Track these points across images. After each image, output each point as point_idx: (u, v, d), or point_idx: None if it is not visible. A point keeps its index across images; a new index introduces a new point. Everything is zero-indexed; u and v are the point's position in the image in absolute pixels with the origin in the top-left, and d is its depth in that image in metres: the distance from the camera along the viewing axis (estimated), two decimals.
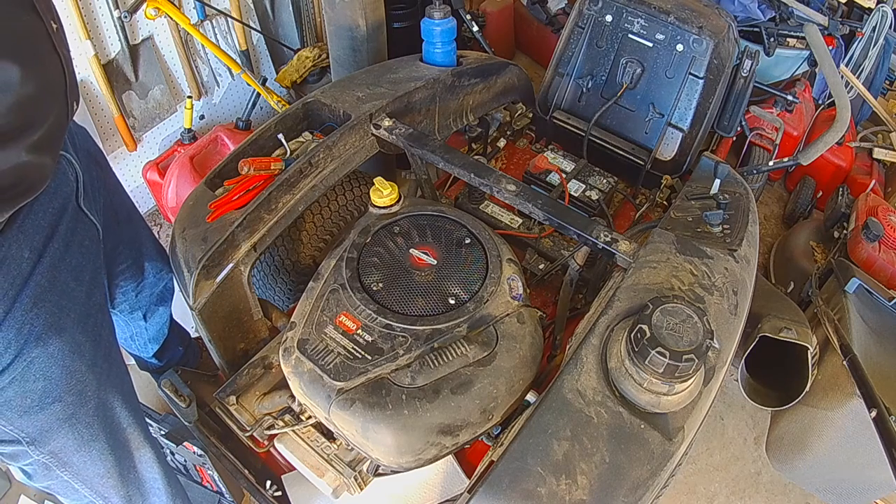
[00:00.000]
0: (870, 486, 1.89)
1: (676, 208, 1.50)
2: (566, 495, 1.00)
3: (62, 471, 1.21)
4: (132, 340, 1.74)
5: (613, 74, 2.09)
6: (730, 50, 1.95)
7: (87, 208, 1.16)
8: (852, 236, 2.35)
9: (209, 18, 2.58)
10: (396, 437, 1.18)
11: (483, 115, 2.07)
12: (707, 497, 2.06)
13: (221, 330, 1.47)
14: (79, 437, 1.18)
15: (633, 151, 2.09)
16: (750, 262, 1.39)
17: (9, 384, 1.01)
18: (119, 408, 1.26)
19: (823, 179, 2.90)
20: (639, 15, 1.99)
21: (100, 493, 1.30)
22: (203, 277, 1.35)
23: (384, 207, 1.49)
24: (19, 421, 1.07)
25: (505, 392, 1.25)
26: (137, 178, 2.63)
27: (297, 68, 2.80)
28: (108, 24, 2.22)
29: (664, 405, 1.07)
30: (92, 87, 2.28)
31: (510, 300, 1.35)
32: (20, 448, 1.12)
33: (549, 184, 1.93)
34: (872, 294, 1.99)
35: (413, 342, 1.25)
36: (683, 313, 1.06)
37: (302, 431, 1.39)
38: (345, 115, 1.63)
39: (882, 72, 3.04)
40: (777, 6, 2.65)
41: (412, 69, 1.85)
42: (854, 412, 1.72)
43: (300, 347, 1.27)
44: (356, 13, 2.07)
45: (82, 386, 1.14)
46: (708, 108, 2.01)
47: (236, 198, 1.42)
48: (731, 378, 2.02)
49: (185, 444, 1.71)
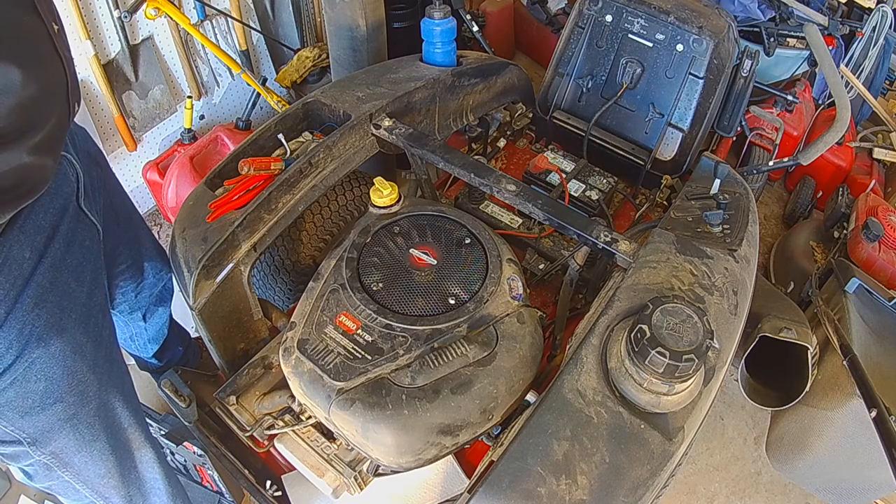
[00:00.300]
0: (870, 486, 1.89)
1: (676, 208, 1.50)
2: (566, 495, 1.00)
3: (63, 471, 1.21)
4: (132, 341, 1.74)
5: (613, 74, 2.09)
6: (730, 50, 1.95)
7: (88, 209, 1.16)
8: (852, 236, 2.36)
9: (209, 18, 2.58)
10: (396, 437, 1.18)
11: (483, 115, 2.07)
12: (707, 497, 2.06)
13: (221, 330, 1.47)
14: (80, 438, 1.18)
15: (633, 151, 2.09)
16: (750, 262, 1.39)
17: (10, 385, 1.01)
18: (120, 408, 1.26)
19: (823, 179, 2.90)
20: (639, 15, 1.99)
21: (100, 494, 1.30)
22: (203, 277, 1.35)
23: (384, 207, 1.49)
24: (20, 421, 1.07)
25: (505, 392, 1.25)
26: (137, 178, 2.63)
27: (297, 68, 2.80)
28: (108, 24, 2.22)
29: (664, 405, 1.07)
30: (92, 87, 2.28)
31: (510, 300, 1.35)
32: (21, 448, 1.12)
33: (549, 184, 1.93)
34: (872, 294, 1.99)
35: (413, 342, 1.25)
36: (683, 313, 1.06)
37: (302, 431, 1.39)
38: (345, 115, 1.63)
39: (882, 72, 3.04)
40: (777, 6, 2.65)
41: (412, 69, 1.85)
42: (854, 412, 1.72)
43: (300, 347, 1.27)
44: (356, 13, 2.07)
45: (84, 386, 1.14)
46: (708, 108, 2.01)
47: (236, 198, 1.42)
48: (731, 378, 2.02)
49: (185, 444, 1.71)
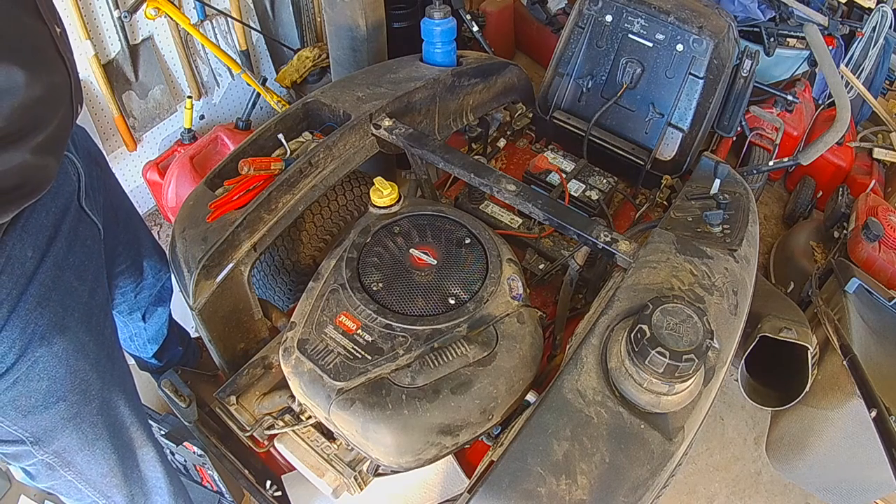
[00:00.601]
0: (870, 486, 1.89)
1: (676, 208, 1.50)
2: (566, 495, 1.00)
3: (66, 470, 1.21)
4: (131, 341, 1.74)
5: (613, 74, 2.09)
6: (730, 50, 1.95)
7: (89, 208, 1.16)
8: (852, 236, 2.36)
9: (209, 18, 2.58)
10: (396, 437, 1.18)
11: (483, 115, 2.07)
12: (707, 497, 2.06)
13: (221, 330, 1.47)
14: (83, 437, 1.18)
15: (633, 151, 2.09)
16: (750, 262, 1.39)
17: (12, 384, 1.01)
18: (122, 406, 1.26)
19: (823, 179, 2.90)
20: (639, 15, 1.99)
21: (103, 493, 1.30)
22: (203, 277, 1.35)
23: (384, 207, 1.49)
24: (23, 421, 1.07)
25: (505, 392, 1.25)
26: (137, 178, 2.63)
27: (297, 68, 2.80)
28: (108, 24, 2.22)
29: (664, 405, 1.07)
30: (92, 87, 2.28)
31: (510, 300, 1.35)
32: (23, 448, 1.12)
33: (549, 184, 1.92)
34: (872, 294, 1.99)
35: (413, 342, 1.25)
36: (683, 313, 1.06)
37: (302, 431, 1.39)
38: (345, 115, 1.63)
39: (882, 72, 3.04)
40: (777, 6, 2.65)
41: (412, 69, 1.85)
42: (854, 412, 1.72)
43: (300, 347, 1.27)
44: (356, 13, 2.07)
45: (86, 385, 1.14)
46: (708, 108, 2.01)
47: (236, 198, 1.42)
48: (731, 378, 2.02)
49: (185, 444, 1.71)
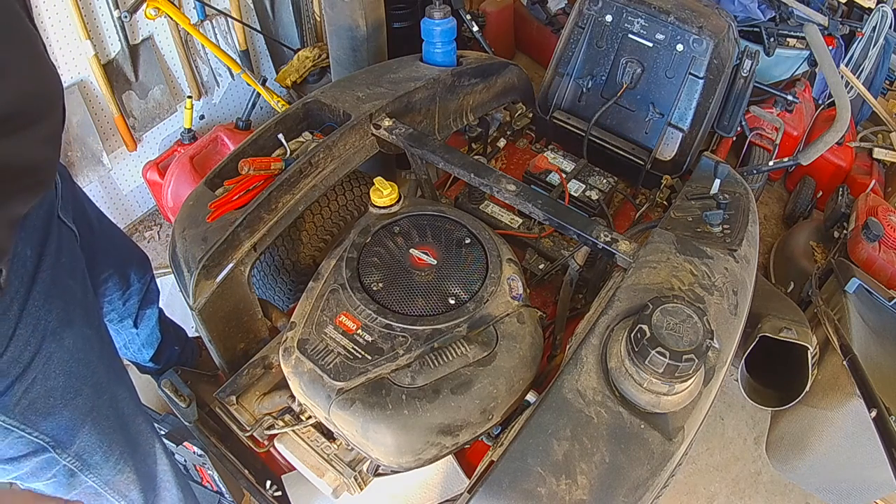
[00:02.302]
0: (870, 486, 1.89)
1: (676, 208, 1.50)
2: (566, 495, 1.00)
3: (87, 474, 1.20)
4: (126, 349, 1.72)
5: (613, 74, 2.09)
6: (730, 50, 1.95)
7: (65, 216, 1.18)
8: (852, 236, 2.36)
9: (209, 18, 2.58)
10: (396, 437, 1.18)
11: (483, 115, 2.07)
12: (707, 497, 2.06)
13: (221, 330, 1.47)
14: (100, 431, 1.18)
15: (633, 151, 2.09)
16: (750, 262, 1.39)
17: (32, 384, 1.02)
18: (127, 399, 1.27)
19: (823, 179, 2.90)
20: (639, 15, 1.99)
21: (121, 492, 1.31)
22: (203, 277, 1.35)
23: (384, 207, 1.49)
24: (44, 424, 1.07)
25: (505, 392, 1.25)
26: (137, 178, 2.63)
27: (297, 68, 2.80)
28: (108, 24, 2.22)
29: (664, 405, 1.07)
30: (92, 87, 2.28)
31: (510, 300, 1.35)
32: (44, 457, 1.11)
33: (549, 184, 1.93)
34: (872, 294, 1.99)
35: (413, 342, 1.25)
36: (683, 313, 1.06)
37: (302, 431, 1.39)
38: (345, 115, 1.63)
39: (882, 72, 3.04)
40: (777, 6, 2.65)
41: (412, 69, 1.85)
42: (854, 412, 1.72)
43: (300, 347, 1.27)
44: (356, 13, 2.07)
45: (97, 377, 1.15)
46: (708, 108, 2.01)
47: (236, 198, 1.42)
48: (731, 378, 2.02)
49: (185, 444, 1.71)
